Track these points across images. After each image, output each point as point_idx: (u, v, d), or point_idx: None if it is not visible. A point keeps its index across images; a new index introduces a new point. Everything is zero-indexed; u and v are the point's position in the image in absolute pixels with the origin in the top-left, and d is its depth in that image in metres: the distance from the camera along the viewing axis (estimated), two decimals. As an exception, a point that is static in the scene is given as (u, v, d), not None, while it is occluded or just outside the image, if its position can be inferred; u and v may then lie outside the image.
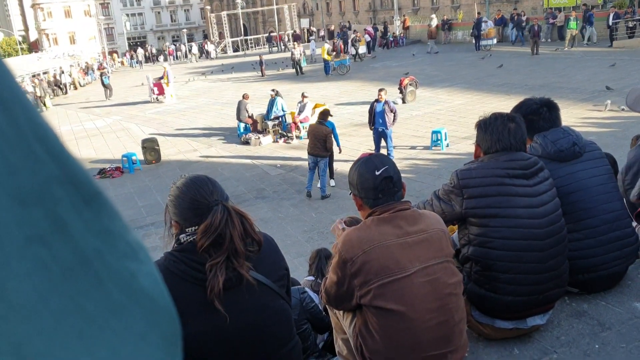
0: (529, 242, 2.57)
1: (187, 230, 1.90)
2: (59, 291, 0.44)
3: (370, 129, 13.28)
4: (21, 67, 40.98)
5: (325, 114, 11.67)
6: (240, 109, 17.25)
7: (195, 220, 1.88)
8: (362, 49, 33.85)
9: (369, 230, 2.24)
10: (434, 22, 36.40)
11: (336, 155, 12.03)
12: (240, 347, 1.93)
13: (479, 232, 2.61)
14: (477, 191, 2.61)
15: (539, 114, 3.04)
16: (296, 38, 41.43)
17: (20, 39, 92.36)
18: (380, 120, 12.80)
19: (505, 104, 14.91)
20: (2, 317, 0.40)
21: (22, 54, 70.77)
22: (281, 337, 2.03)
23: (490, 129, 2.71)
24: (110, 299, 0.47)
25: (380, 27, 40.33)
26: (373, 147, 13.26)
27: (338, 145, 12.07)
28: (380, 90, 13.04)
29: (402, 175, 2.40)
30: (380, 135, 13.02)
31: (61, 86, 37.61)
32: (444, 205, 2.69)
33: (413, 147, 14.09)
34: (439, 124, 15.37)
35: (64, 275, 0.44)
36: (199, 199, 1.90)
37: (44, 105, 30.63)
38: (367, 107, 13.65)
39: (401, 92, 19.31)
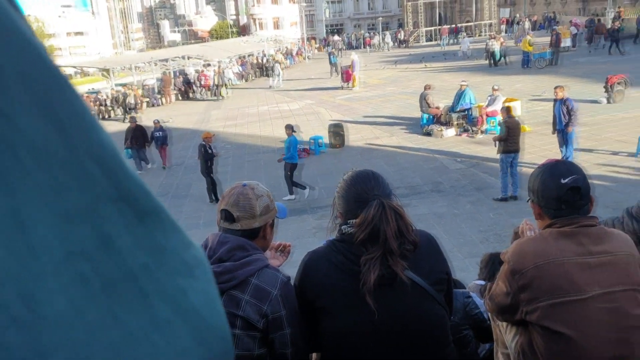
0: None
1: (348, 222, 1.95)
2: (97, 304, 0.45)
3: (553, 132, 12.44)
4: (230, 49, 44.95)
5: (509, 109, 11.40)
6: (420, 99, 17.14)
7: (356, 212, 1.92)
8: (567, 42, 31.30)
9: (545, 243, 2.06)
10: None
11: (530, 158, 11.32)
12: (387, 346, 1.91)
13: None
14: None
15: None
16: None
17: (232, 22, 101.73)
18: (559, 121, 11.91)
19: None
20: (29, 327, 0.41)
21: (233, 37, 77.72)
22: (433, 342, 1.97)
23: None
24: (154, 313, 0.48)
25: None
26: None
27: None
28: (556, 87, 12.06)
29: (600, 182, 2.18)
30: (562, 136, 12.07)
31: (263, 69, 40.58)
32: (637, 226, 2.38)
33: (615, 153, 12.71)
34: (648, 129, 13.65)
35: (105, 289, 0.45)
36: (360, 192, 1.95)
37: (221, 94, 31.17)
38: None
39: (607, 90, 17.52)
